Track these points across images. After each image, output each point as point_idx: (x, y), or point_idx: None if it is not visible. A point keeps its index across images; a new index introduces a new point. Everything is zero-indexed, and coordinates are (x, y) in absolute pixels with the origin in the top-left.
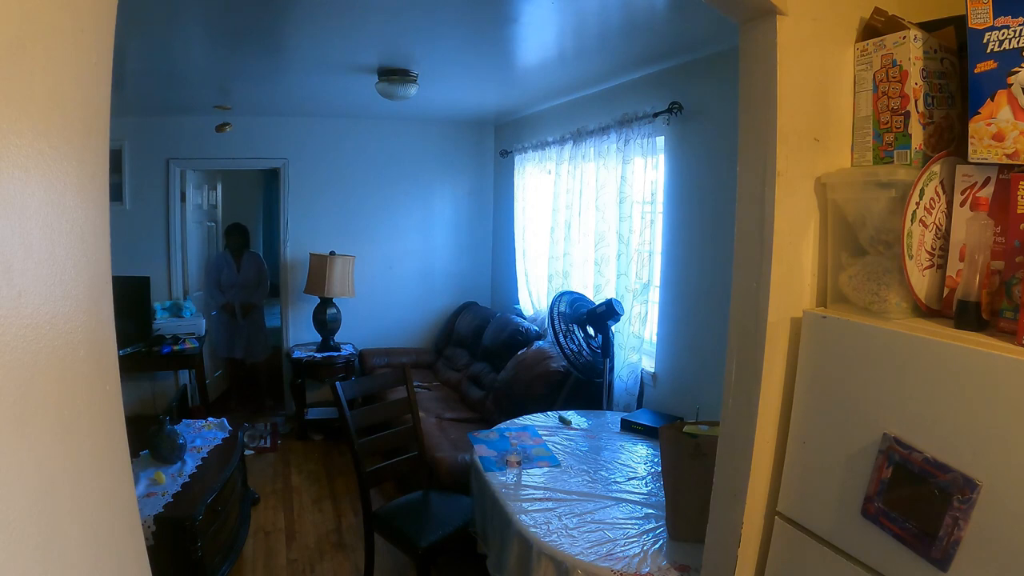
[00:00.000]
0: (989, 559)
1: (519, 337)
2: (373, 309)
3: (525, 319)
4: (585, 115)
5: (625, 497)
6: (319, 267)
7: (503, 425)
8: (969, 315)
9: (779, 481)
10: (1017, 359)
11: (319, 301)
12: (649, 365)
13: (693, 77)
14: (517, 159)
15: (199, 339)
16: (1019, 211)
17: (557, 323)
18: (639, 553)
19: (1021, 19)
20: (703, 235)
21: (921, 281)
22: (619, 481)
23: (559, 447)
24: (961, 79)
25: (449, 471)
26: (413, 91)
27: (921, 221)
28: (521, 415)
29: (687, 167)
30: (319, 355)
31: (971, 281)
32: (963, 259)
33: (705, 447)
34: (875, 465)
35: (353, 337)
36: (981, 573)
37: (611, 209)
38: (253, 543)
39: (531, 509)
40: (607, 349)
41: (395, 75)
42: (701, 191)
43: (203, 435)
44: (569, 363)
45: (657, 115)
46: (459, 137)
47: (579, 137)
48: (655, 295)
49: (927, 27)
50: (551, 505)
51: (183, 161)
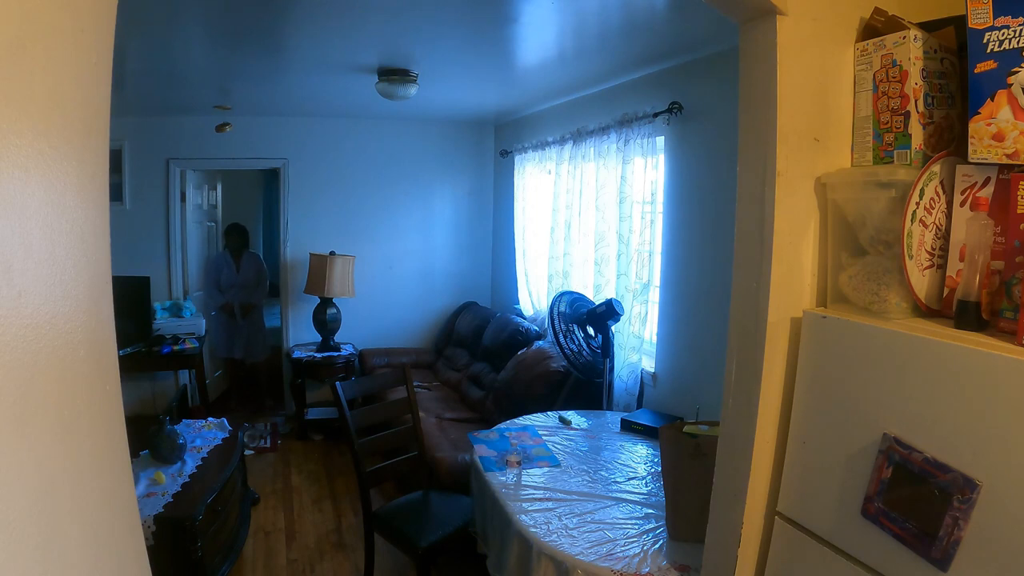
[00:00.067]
0: (989, 559)
1: (519, 337)
2: (373, 309)
3: (525, 319)
4: (585, 115)
5: (625, 497)
6: (319, 267)
7: (503, 425)
8: (969, 315)
9: (779, 481)
10: (1017, 359)
11: (319, 301)
12: (649, 365)
13: (693, 77)
14: (517, 159)
15: (199, 339)
16: (1019, 211)
17: (557, 323)
18: (639, 553)
19: (1021, 19)
20: (703, 235)
21: (921, 281)
22: (619, 481)
23: (559, 447)
24: (961, 79)
25: (449, 471)
26: (413, 91)
27: (921, 221)
28: (521, 415)
29: (687, 167)
30: (319, 355)
31: (971, 281)
32: (963, 259)
33: (705, 447)
34: (875, 465)
35: (353, 337)
36: (981, 573)
37: (611, 209)
38: (253, 543)
39: (531, 509)
40: (607, 349)
41: (395, 75)
42: (701, 191)
43: (203, 435)
44: (569, 363)
45: (657, 115)
46: (459, 137)
47: (579, 137)
48: (655, 295)
49: (927, 27)
50: (551, 505)
51: (183, 161)
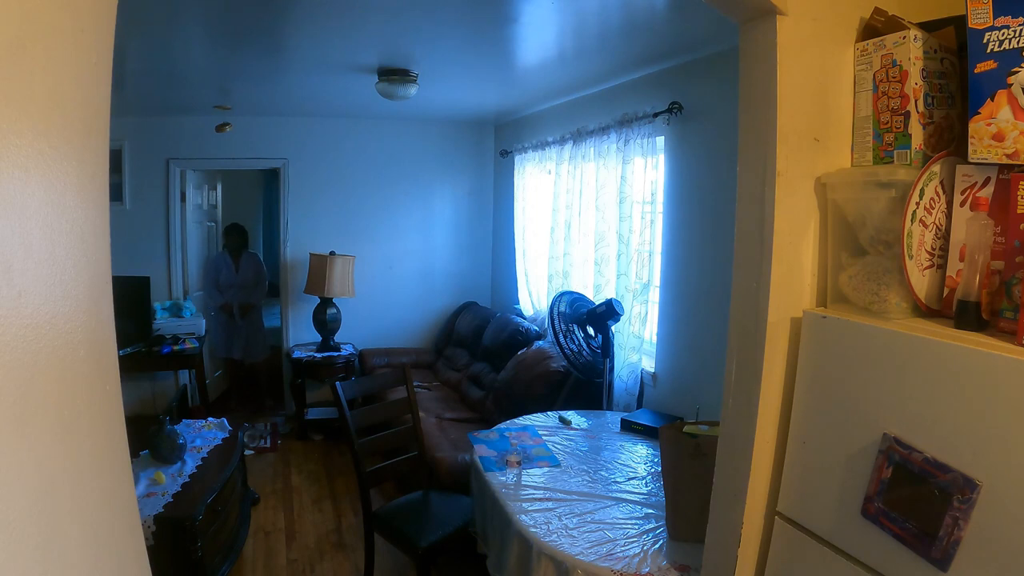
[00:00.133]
0: (989, 559)
1: (519, 337)
2: (373, 309)
3: (525, 319)
4: (585, 115)
5: (625, 497)
6: (319, 267)
7: (503, 425)
8: (969, 315)
9: (779, 481)
10: (1017, 359)
11: (319, 301)
12: (649, 365)
13: (693, 77)
14: (517, 159)
15: (199, 339)
16: (1019, 211)
17: (557, 323)
18: (639, 553)
19: (1021, 19)
20: (703, 235)
21: (921, 281)
22: (619, 481)
23: (559, 447)
24: (961, 79)
25: (449, 471)
26: (413, 91)
27: (921, 221)
28: (521, 415)
29: (687, 167)
30: (319, 355)
31: (971, 281)
32: (963, 259)
33: (705, 447)
34: (875, 465)
35: (353, 337)
36: (981, 573)
37: (611, 209)
38: (253, 543)
39: (531, 509)
40: (607, 349)
41: (395, 75)
42: (701, 191)
43: (203, 435)
44: (569, 363)
45: (657, 115)
46: (459, 137)
47: (579, 137)
48: (655, 295)
49: (927, 27)
50: (551, 505)
51: (183, 161)
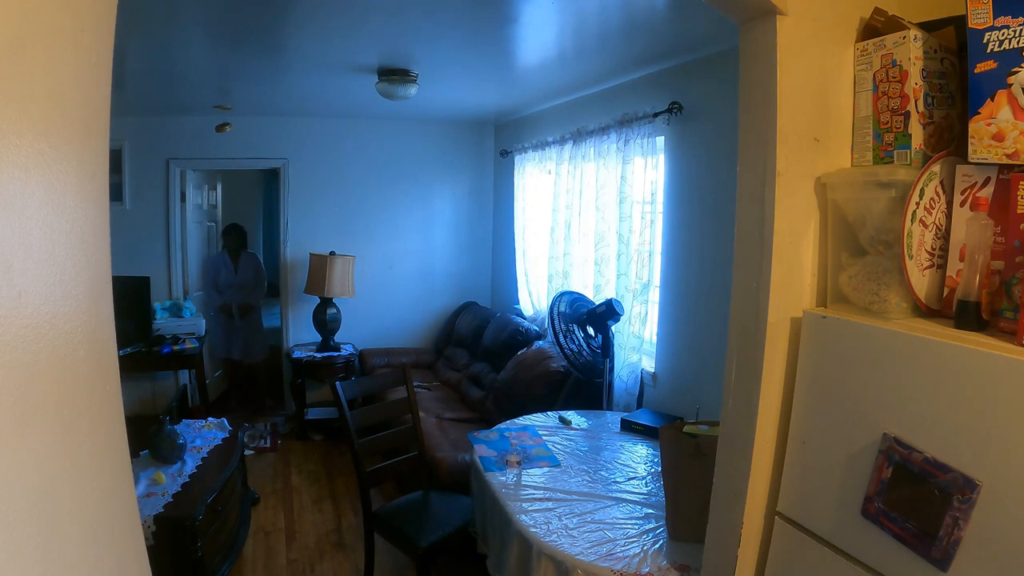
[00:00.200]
0: (989, 559)
1: (519, 337)
2: (373, 309)
3: (525, 319)
4: (585, 115)
5: (625, 497)
6: (319, 267)
7: (503, 425)
8: (969, 315)
9: (779, 481)
10: (1017, 359)
11: (319, 301)
12: (649, 365)
13: (693, 77)
14: (517, 159)
15: (199, 339)
16: (1019, 211)
17: (557, 323)
18: (639, 553)
19: (1021, 19)
20: (703, 235)
21: (921, 281)
22: (619, 481)
23: (559, 447)
24: (961, 79)
25: (449, 471)
26: (413, 91)
27: (921, 221)
28: (521, 415)
29: (687, 167)
30: (319, 355)
31: (971, 281)
32: (963, 259)
33: (705, 447)
34: (875, 465)
35: (353, 337)
36: (981, 573)
37: (611, 209)
38: (253, 543)
39: (531, 509)
40: (607, 349)
41: (395, 75)
42: (701, 191)
43: (203, 435)
44: (569, 363)
45: (657, 115)
46: (459, 137)
47: (579, 137)
48: (655, 295)
49: (927, 27)
50: (551, 505)
51: (183, 161)
